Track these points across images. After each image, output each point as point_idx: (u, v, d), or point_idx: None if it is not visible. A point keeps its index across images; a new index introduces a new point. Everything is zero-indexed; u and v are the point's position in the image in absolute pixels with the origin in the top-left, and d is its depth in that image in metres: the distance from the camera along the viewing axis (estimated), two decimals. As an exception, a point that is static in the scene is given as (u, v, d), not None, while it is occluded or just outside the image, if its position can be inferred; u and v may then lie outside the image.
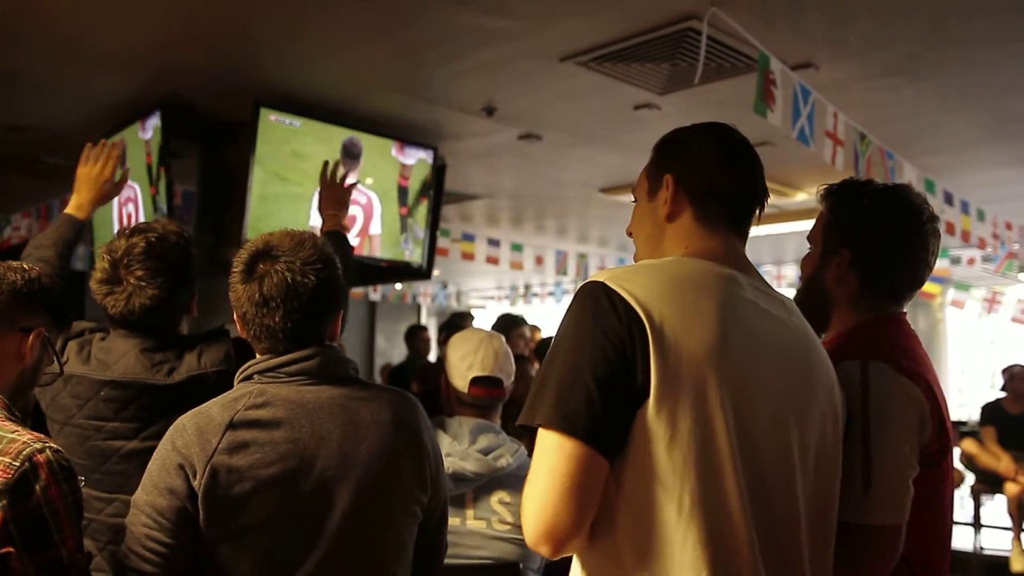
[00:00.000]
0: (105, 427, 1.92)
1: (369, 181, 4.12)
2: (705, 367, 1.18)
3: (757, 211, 1.45)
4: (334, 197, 2.72)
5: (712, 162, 1.41)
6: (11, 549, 1.32)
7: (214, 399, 1.59)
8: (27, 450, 1.38)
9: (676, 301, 1.21)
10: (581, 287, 1.25)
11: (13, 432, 1.42)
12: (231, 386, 1.96)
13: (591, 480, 1.15)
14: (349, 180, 2.75)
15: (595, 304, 1.20)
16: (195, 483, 1.47)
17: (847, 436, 1.46)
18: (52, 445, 1.42)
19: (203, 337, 2.05)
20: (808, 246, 1.82)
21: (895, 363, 1.53)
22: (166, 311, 2.00)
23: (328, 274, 1.61)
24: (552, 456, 1.15)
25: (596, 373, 1.16)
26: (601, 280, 1.22)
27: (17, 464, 1.35)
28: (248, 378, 1.61)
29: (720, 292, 1.26)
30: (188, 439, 1.51)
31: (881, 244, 1.68)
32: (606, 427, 1.16)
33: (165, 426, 1.83)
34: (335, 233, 2.61)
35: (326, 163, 2.86)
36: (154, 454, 1.55)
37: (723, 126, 1.47)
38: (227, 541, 1.49)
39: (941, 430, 1.55)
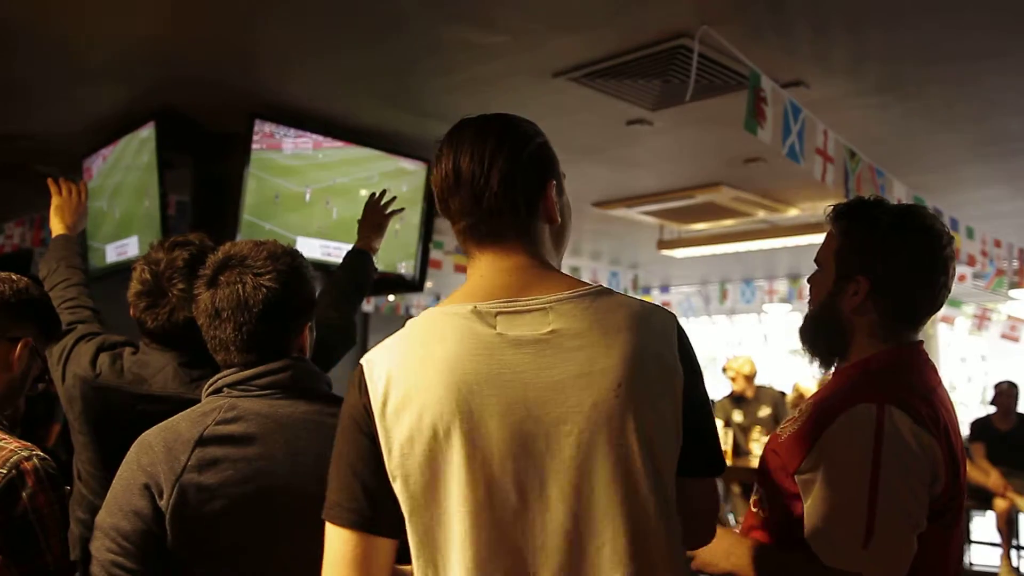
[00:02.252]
0: None
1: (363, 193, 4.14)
2: (428, 432, 1.12)
3: (503, 207, 1.27)
4: (374, 222, 2.74)
5: (439, 181, 1.30)
6: None
7: (182, 413, 1.52)
8: (14, 458, 1.38)
9: (398, 366, 1.17)
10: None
11: (1, 440, 1.42)
12: None
13: (366, 561, 1.16)
14: (392, 207, 2.81)
15: (351, 384, 1.20)
16: (161, 503, 1.40)
17: (846, 476, 1.43)
18: (39, 453, 1.42)
19: None
20: (815, 267, 1.74)
21: (914, 411, 1.46)
22: None
23: (287, 287, 1.55)
24: (329, 544, 1.19)
25: (350, 461, 1.17)
26: (362, 359, 1.22)
27: (4, 471, 1.36)
28: (217, 391, 1.54)
29: (444, 344, 1.16)
30: (154, 457, 1.43)
31: (903, 273, 1.59)
32: (371, 512, 1.16)
33: None
34: (363, 252, 2.61)
35: (373, 194, 2.86)
36: (119, 472, 1.46)
37: (465, 122, 1.34)
38: (198, 563, 1.42)
39: (954, 482, 1.48)
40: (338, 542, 1.17)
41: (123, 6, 2.88)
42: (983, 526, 6.26)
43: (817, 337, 1.70)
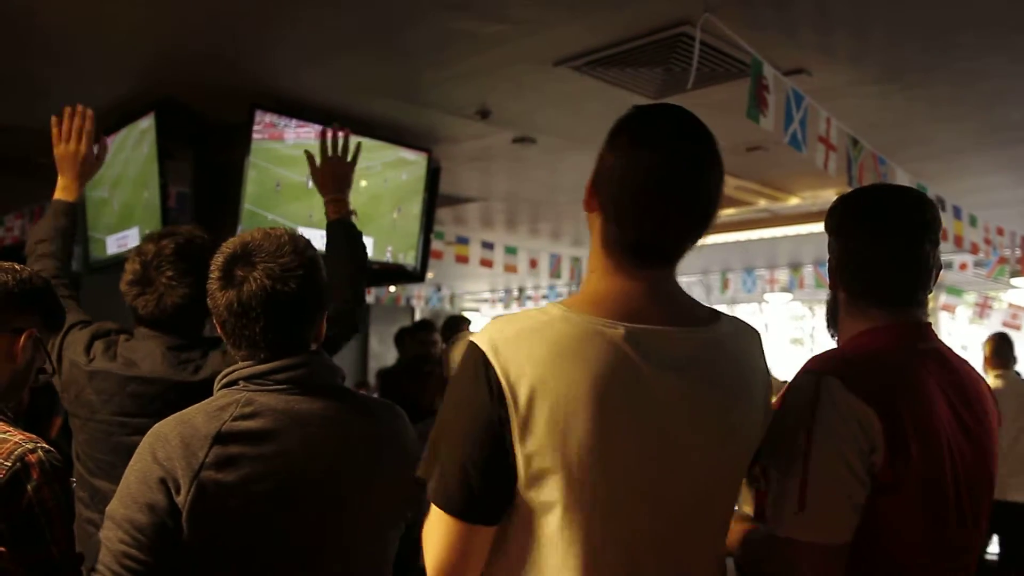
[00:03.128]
0: (129, 423, 1.95)
1: (364, 183, 4.13)
2: (578, 446, 1.14)
3: (688, 234, 1.25)
4: (334, 173, 2.39)
5: (628, 181, 1.23)
6: (3, 549, 1.32)
7: (197, 405, 1.52)
8: (19, 450, 1.38)
9: (547, 376, 1.14)
10: (468, 347, 1.20)
11: (5, 432, 1.42)
12: None
13: (470, 548, 1.21)
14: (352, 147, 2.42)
15: (475, 375, 1.18)
16: (179, 499, 1.39)
17: (790, 449, 1.44)
18: (44, 445, 1.42)
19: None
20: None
21: (852, 379, 1.45)
22: (195, 311, 2.03)
23: (310, 278, 1.54)
24: (437, 525, 1.22)
25: (473, 458, 1.17)
26: (482, 347, 1.18)
27: (9, 464, 1.36)
28: (232, 384, 1.53)
29: (599, 363, 1.15)
30: (171, 451, 1.42)
31: (863, 244, 1.62)
32: (484, 505, 1.20)
33: None
34: (342, 222, 2.33)
35: (324, 133, 2.51)
36: (131, 463, 1.47)
37: (657, 117, 1.25)
38: (213, 558, 1.42)
39: (902, 457, 1.45)
40: (446, 528, 1.21)
41: (122, -4, 2.87)
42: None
43: (830, 321, 1.76)
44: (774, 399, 1.58)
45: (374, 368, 10.88)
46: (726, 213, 5.93)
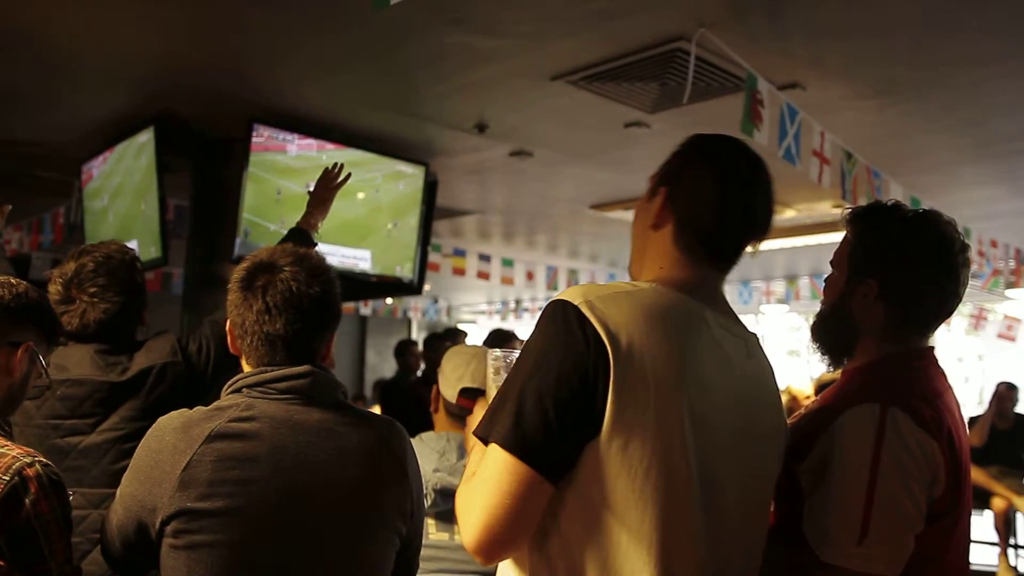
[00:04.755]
0: (62, 424, 2.03)
1: (361, 196, 4.15)
2: (666, 405, 1.19)
3: (751, 244, 1.42)
4: (319, 197, 2.73)
5: (705, 196, 1.37)
6: (2, 563, 1.33)
7: (200, 407, 1.55)
8: (16, 464, 1.39)
9: (644, 334, 1.20)
10: (553, 303, 1.23)
11: (3, 447, 1.42)
12: (182, 376, 2.11)
13: (534, 503, 1.17)
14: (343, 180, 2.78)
15: (565, 326, 1.19)
16: (167, 490, 1.43)
17: (845, 474, 1.44)
18: (41, 459, 1.42)
19: (151, 338, 2.20)
20: (831, 269, 1.73)
21: (916, 413, 1.46)
22: (119, 324, 2.14)
23: (331, 287, 1.61)
24: (501, 474, 1.17)
25: (557, 399, 1.16)
26: (574, 302, 1.21)
27: (7, 479, 1.36)
28: (237, 391, 1.56)
29: (688, 329, 1.26)
30: (164, 444, 1.47)
31: (911, 279, 1.59)
32: (558, 454, 1.17)
33: (121, 419, 2.02)
34: (300, 229, 2.58)
35: (326, 168, 2.84)
36: (136, 452, 1.52)
37: (733, 151, 1.40)
38: (192, 553, 1.43)
39: (955, 485, 1.49)
40: (511, 476, 1.17)
41: (122, 14, 2.89)
42: (981, 525, 6.27)
43: (827, 336, 1.70)
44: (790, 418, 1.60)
45: (371, 381, 10.89)
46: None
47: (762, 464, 1.37)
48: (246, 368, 1.62)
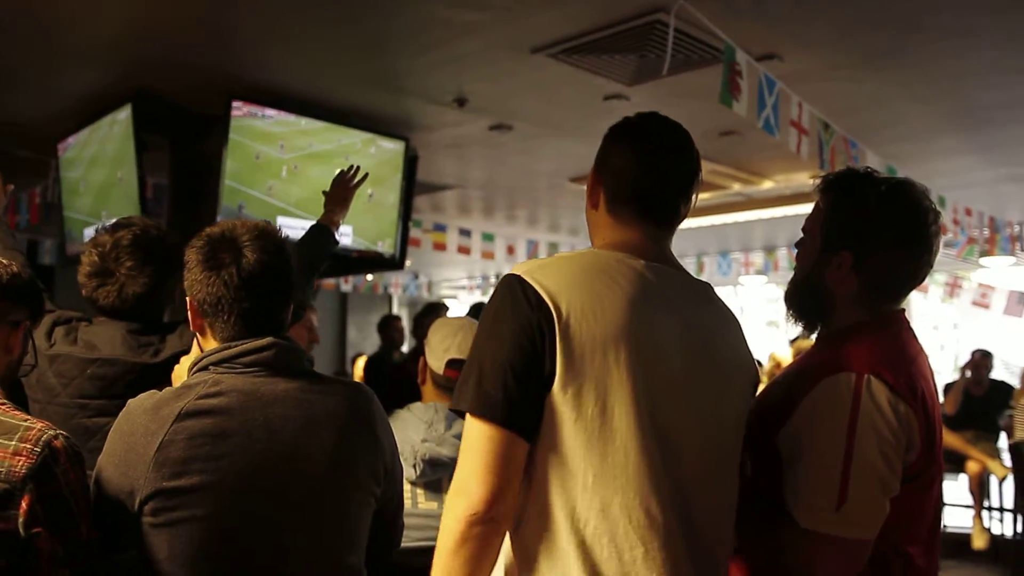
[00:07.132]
0: (90, 405, 1.99)
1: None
2: (609, 351, 1.30)
3: (683, 203, 1.53)
4: (338, 196, 2.83)
5: (627, 169, 1.50)
6: (40, 529, 1.40)
7: (168, 388, 1.59)
8: (44, 436, 1.45)
9: (583, 291, 1.32)
10: (502, 278, 1.37)
11: (25, 420, 1.48)
12: None
13: (510, 459, 1.28)
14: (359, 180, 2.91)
15: (511, 296, 1.33)
16: (142, 472, 1.47)
17: (822, 442, 1.48)
18: (62, 432, 1.49)
19: (183, 321, 2.10)
20: (801, 234, 1.76)
21: (891, 381, 1.49)
22: (155, 299, 2.09)
23: (287, 260, 1.63)
24: (478, 440, 1.29)
25: (513, 362, 1.29)
26: (518, 273, 1.35)
27: (39, 450, 1.43)
28: (203, 369, 1.58)
29: (626, 281, 1.36)
30: (136, 426, 1.51)
31: (887, 249, 1.62)
32: (522, 411, 1.29)
33: None
34: (324, 226, 2.67)
35: (342, 170, 2.95)
36: (108, 436, 1.57)
37: (650, 121, 1.54)
38: (171, 529, 1.47)
39: (929, 448, 1.52)
40: (488, 442, 1.28)
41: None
42: (955, 489, 6.40)
43: (801, 303, 1.74)
44: (761, 385, 1.62)
45: (351, 357, 10.89)
46: (701, 197, 5.96)
47: (723, 403, 1.45)
48: (206, 346, 1.64)
